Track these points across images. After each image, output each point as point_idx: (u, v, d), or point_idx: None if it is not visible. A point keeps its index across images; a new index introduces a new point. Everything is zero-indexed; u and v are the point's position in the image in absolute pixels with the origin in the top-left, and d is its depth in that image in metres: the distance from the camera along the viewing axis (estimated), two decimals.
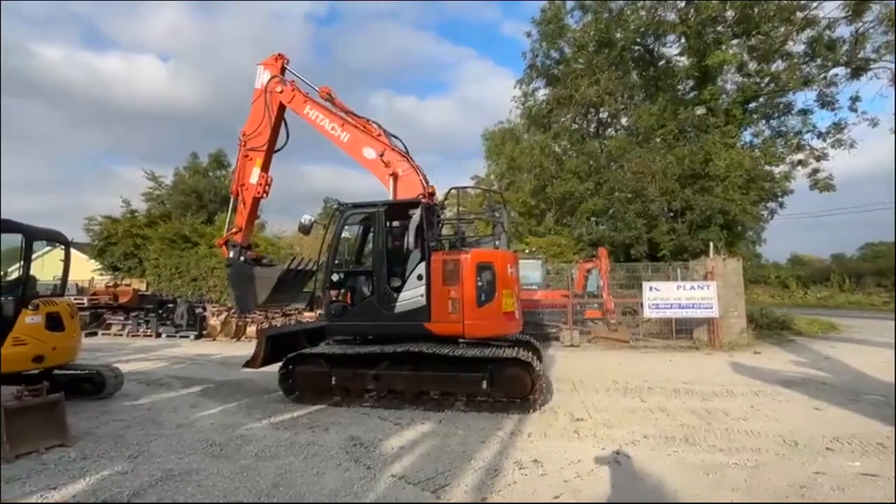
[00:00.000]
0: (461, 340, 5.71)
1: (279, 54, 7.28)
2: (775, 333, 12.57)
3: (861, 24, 13.91)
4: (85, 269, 22.18)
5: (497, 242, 6.44)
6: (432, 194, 6.40)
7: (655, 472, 3.60)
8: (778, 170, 15.32)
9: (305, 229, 6.67)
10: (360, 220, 6.47)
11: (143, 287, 19.06)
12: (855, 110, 14.94)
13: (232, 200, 7.30)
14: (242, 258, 6.95)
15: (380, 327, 5.87)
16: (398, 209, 6.11)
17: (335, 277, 6.26)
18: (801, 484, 3.34)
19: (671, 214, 14.90)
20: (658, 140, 15.81)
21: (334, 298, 6.29)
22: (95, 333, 14.90)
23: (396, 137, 6.86)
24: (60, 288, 6.27)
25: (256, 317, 14.33)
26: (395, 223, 6.30)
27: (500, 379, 5.33)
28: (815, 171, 15.34)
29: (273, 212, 51.78)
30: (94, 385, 6.11)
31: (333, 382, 5.72)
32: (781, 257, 41.49)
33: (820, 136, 15.56)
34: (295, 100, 7.03)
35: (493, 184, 31.52)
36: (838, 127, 15.21)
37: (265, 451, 4.15)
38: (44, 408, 4.29)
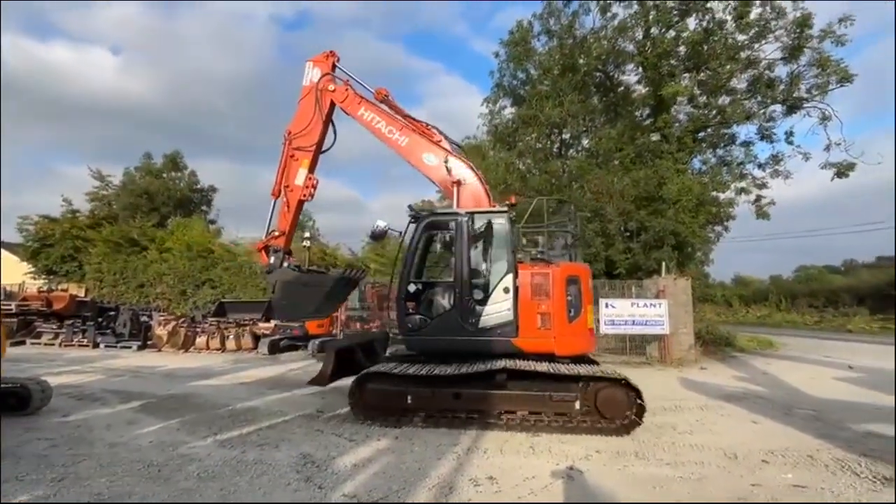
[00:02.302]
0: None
1: (330, 52, 7.00)
2: (720, 350, 13.28)
3: (796, 66, 15.26)
4: (16, 272, 20.48)
5: (572, 254, 6.22)
6: (513, 205, 6.20)
7: (607, 486, 3.67)
8: (723, 196, 16.37)
9: (378, 235, 6.36)
10: (440, 228, 6.11)
11: (81, 293, 17.77)
12: (791, 143, 16.27)
13: (272, 202, 6.86)
14: (286, 264, 6.55)
15: (462, 343, 5.53)
16: (482, 218, 5.81)
17: (412, 288, 5.87)
18: (740, 496, 3.51)
19: (627, 234, 15.54)
20: (616, 163, 16.53)
21: (410, 311, 5.90)
22: (23, 342, 13.69)
23: (458, 145, 6.67)
24: None
25: (207, 327, 13.68)
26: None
27: (596, 399, 5.02)
28: (759, 198, 16.50)
29: (228, 217, 49.86)
30: (19, 400, 5.59)
31: (409, 402, 5.28)
32: (727, 277, 44.17)
33: (760, 166, 16.82)
34: (348, 100, 6.74)
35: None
36: (776, 159, 16.50)
37: (208, 470, 3.92)
38: None
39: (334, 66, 6.95)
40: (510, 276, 5.52)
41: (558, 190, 17.48)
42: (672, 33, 16.16)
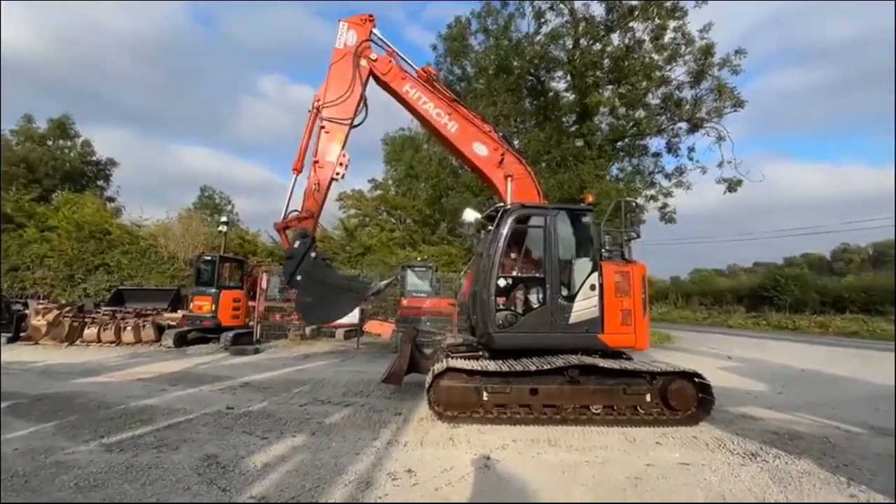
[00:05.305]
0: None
1: (369, 15, 6.29)
2: None
3: (699, 90, 17.04)
4: None
5: (628, 252, 6.24)
6: (594, 203, 6.15)
7: (520, 473, 3.82)
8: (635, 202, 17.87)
9: (468, 226, 6.13)
10: (528, 222, 5.85)
11: None
12: (692, 159, 18.19)
13: (294, 178, 6.02)
14: (314, 254, 5.75)
15: (551, 339, 5.56)
16: (570, 214, 5.91)
17: (502, 283, 5.62)
18: (637, 476, 3.83)
19: None
20: (543, 165, 17.33)
21: (501, 307, 5.63)
22: None
23: (507, 139, 6.41)
24: None
25: (100, 317, 12.16)
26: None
27: (667, 392, 5.30)
28: (665, 205, 18.24)
29: (131, 194, 44.90)
30: None
31: (485, 398, 5.18)
32: None
33: (667, 176, 18.60)
34: (392, 73, 6.19)
35: (391, 189, 31.46)
36: (680, 171, 18.35)
37: (89, 479, 3.46)
38: None
39: (371, 32, 6.38)
40: (596, 274, 5.64)
41: (488, 187, 17.92)
42: (598, 46, 17.22)
